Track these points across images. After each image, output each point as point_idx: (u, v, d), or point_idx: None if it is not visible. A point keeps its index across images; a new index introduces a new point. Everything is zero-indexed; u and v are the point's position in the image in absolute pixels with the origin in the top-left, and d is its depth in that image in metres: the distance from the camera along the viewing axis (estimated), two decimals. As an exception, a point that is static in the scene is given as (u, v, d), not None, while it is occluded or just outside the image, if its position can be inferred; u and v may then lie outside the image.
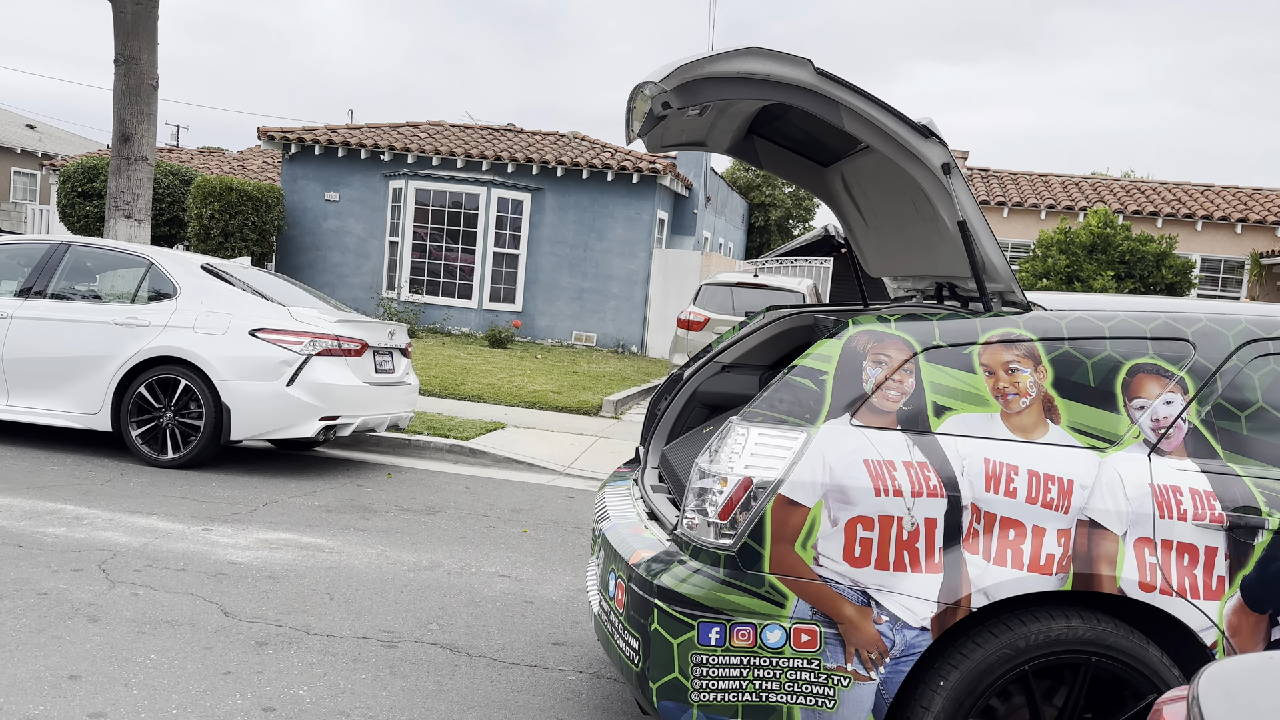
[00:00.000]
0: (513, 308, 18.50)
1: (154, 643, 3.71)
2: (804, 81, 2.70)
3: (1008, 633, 2.54)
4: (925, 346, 2.70)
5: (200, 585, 4.39)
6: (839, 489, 2.55)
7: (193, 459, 6.77)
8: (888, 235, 3.62)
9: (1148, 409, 2.70)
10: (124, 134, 9.98)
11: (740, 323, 4.10)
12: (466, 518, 6.21)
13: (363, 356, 7.27)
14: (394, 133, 19.25)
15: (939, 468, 2.59)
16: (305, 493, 6.46)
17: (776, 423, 2.64)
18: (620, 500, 3.45)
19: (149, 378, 6.84)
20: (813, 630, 2.54)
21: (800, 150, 3.81)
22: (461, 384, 11.78)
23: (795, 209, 35.66)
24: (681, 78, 2.69)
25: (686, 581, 2.60)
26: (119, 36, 9.98)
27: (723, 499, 2.60)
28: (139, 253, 7.30)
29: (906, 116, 2.76)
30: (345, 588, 4.55)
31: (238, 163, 25.51)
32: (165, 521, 5.38)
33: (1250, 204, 20.96)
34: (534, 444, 9.08)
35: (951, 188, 2.82)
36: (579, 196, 18.44)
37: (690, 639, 2.56)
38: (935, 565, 2.55)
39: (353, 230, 18.88)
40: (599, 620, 3.05)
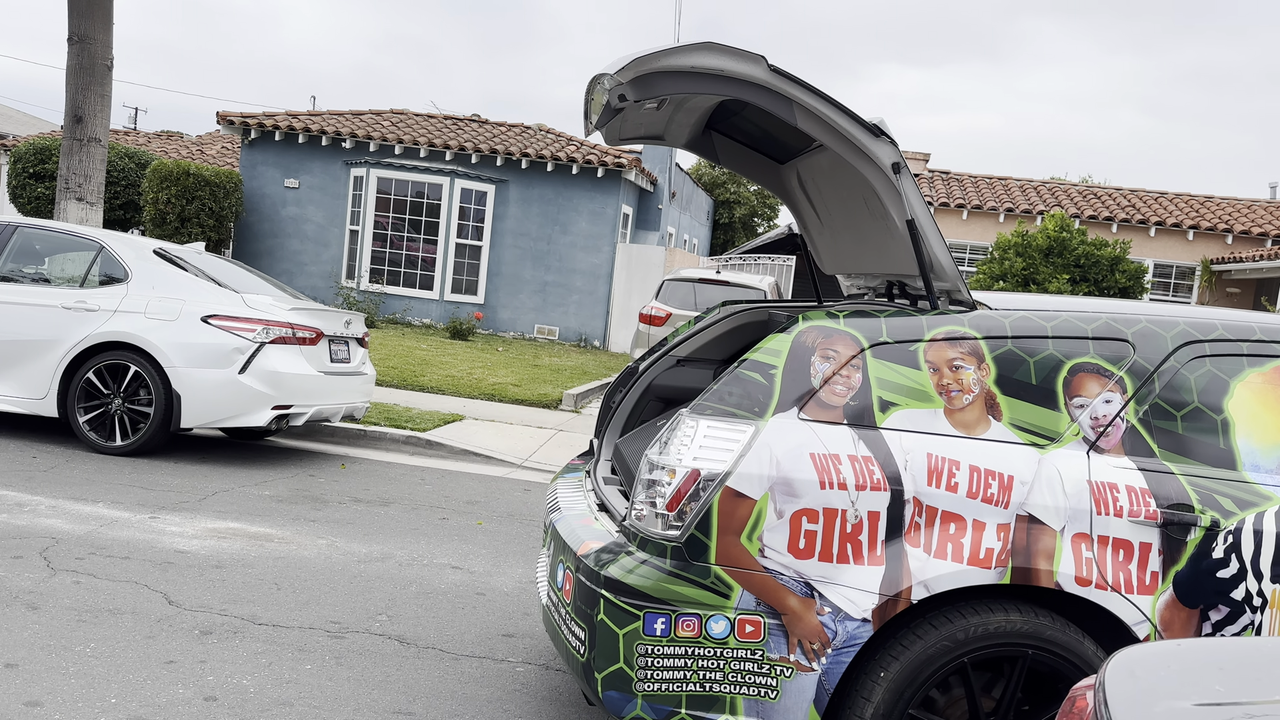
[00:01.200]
0: (475, 300, 18.41)
1: (94, 631, 3.65)
2: (758, 78, 2.72)
3: (947, 625, 2.59)
4: (872, 343, 2.74)
5: (145, 574, 4.33)
6: (785, 482, 2.58)
7: (141, 446, 6.66)
8: (841, 233, 3.65)
9: (1087, 407, 2.76)
10: (77, 115, 9.78)
11: (696, 317, 4.11)
12: (420, 509, 6.18)
13: (318, 345, 7.20)
14: (356, 120, 19.05)
15: (883, 462, 2.62)
16: (256, 482, 6.38)
17: (725, 415, 2.66)
18: (572, 492, 3.45)
19: (98, 363, 6.72)
20: (757, 621, 2.57)
21: (757, 147, 3.84)
22: (420, 375, 11.70)
23: (760, 206, 35.83)
24: (637, 70, 2.70)
25: (633, 572, 2.61)
26: (73, 15, 9.77)
27: (671, 490, 2.62)
28: (90, 236, 7.16)
29: (858, 115, 2.79)
30: (293, 578, 4.51)
31: (196, 147, 25.09)
32: (111, 509, 5.29)
33: (1202, 211, 21.42)
34: (492, 436, 9.05)
35: (901, 187, 2.85)
36: (543, 189, 18.38)
37: (635, 629, 2.58)
38: (877, 558, 2.58)
39: (312, 218, 18.66)
40: (547, 611, 3.05)
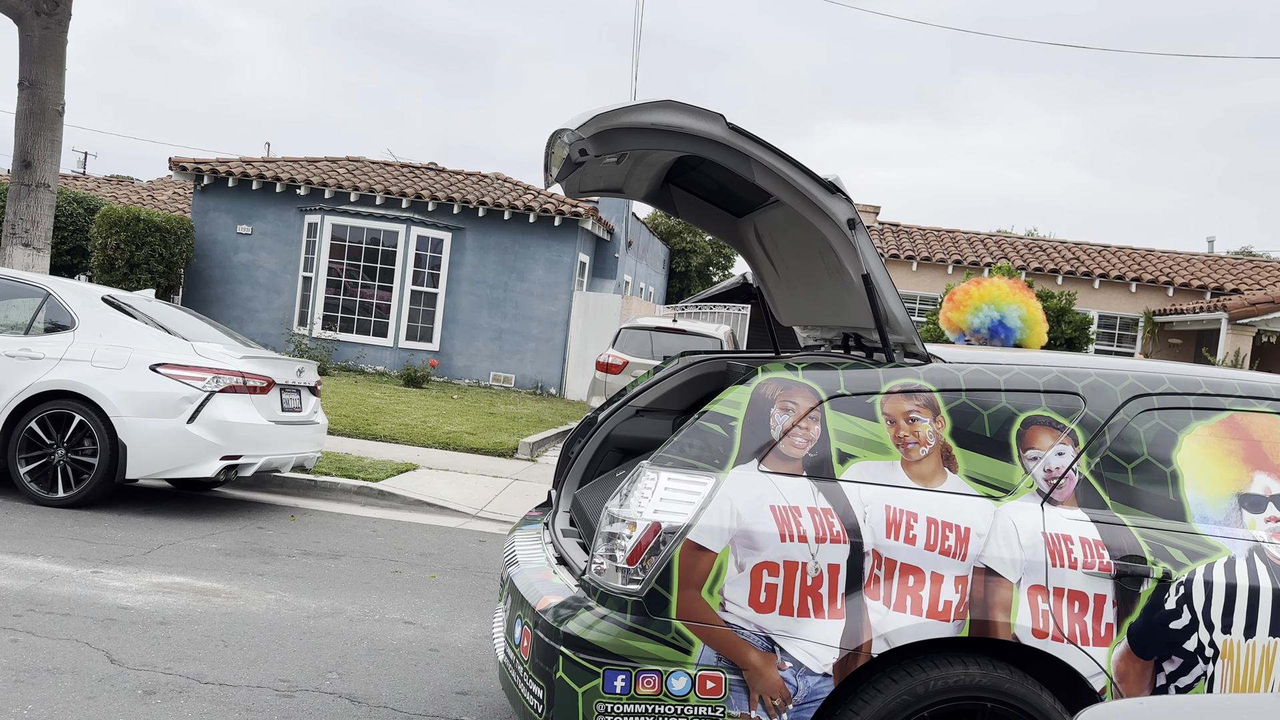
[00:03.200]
0: (430, 347, 18.28)
1: (32, 692, 3.51)
2: (716, 135, 2.77)
3: (907, 679, 2.59)
4: (830, 395, 2.77)
5: (86, 631, 4.18)
6: (746, 534, 2.58)
7: (85, 498, 6.48)
8: (797, 286, 3.70)
9: (1040, 459, 2.80)
10: (25, 160, 9.63)
11: (655, 367, 4.13)
12: (372, 562, 6.06)
13: (269, 394, 7.08)
14: (311, 167, 18.99)
15: (842, 514, 2.64)
16: (203, 534, 6.23)
17: (686, 468, 2.66)
18: (530, 544, 3.41)
19: (41, 412, 6.54)
20: (718, 677, 2.55)
21: (714, 200, 3.89)
22: (373, 424, 11.55)
23: (716, 256, 36.22)
24: (598, 126, 2.73)
25: (593, 628, 2.58)
26: (24, 60, 9.67)
27: (631, 544, 2.60)
28: (35, 282, 7.01)
29: (814, 172, 2.84)
30: (241, 635, 4.39)
31: (147, 193, 24.80)
32: (51, 564, 5.11)
33: (1144, 264, 22.07)
34: (446, 486, 8.94)
35: (856, 242, 2.91)
36: (500, 237, 18.41)
37: (595, 687, 2.54)
38: (838, 611, 2.58)
39: (265, 264, 18.47)
40: (504, 668, 3.00)
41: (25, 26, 9.63)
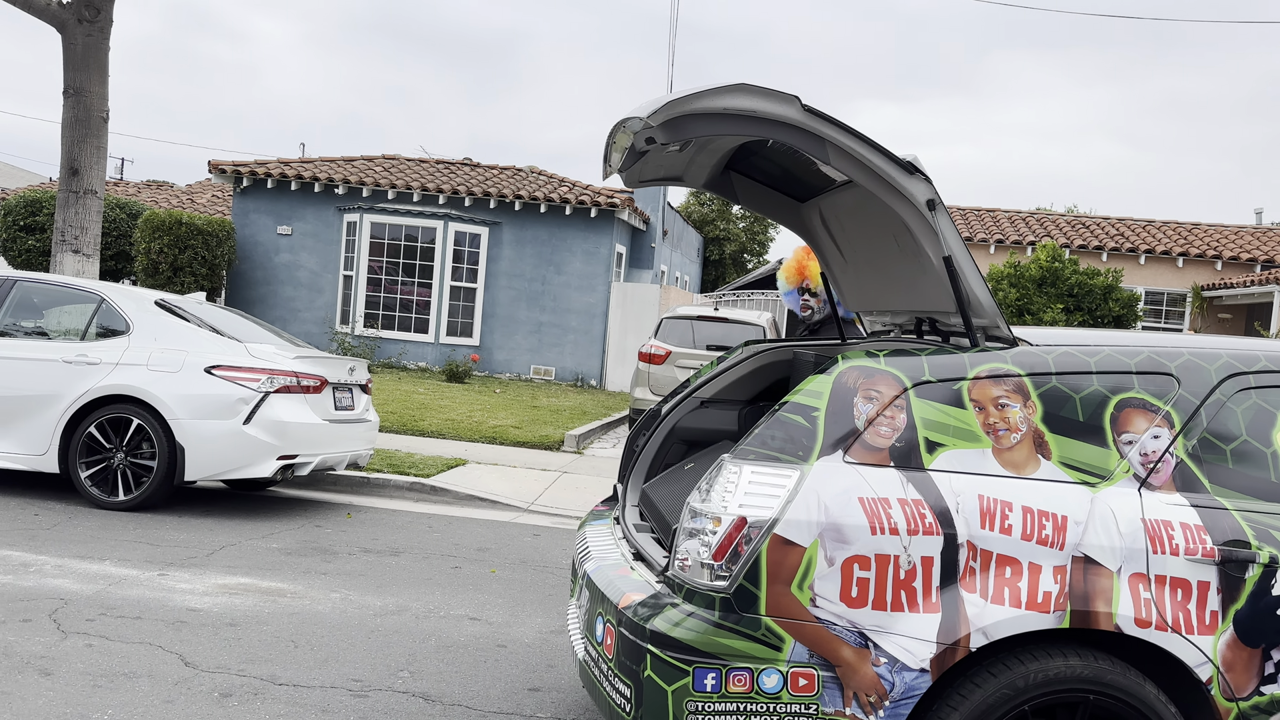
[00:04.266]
0: (470, 342, 18.34)
1: (111, 697, 3.53)
2: (791, 118, 2.69)
3: (1006, 672, 2.51)
4: (915, 382, 2.68)
5: (158, 634, 4.21)
6: (835, 528, 2.51)
7: (145, 501, 6.54)
8: (866, 270, 3.62)
9: (1136, 443, 2.71)
10: (73, 167, 9.74)
11: (718, 358, 4.06)
12: (431, 558, 6.06)
13: (322, 393, 7.11)
14: (348, 166, 19.09)
15: (934, 505, 2.56)
16: (263, 534, 6.27)
17: (769, 460, 2.59)
18: (603, 540, 3.37)
19: (99, 417, 6.61)
20: (810, 674, 2.49)
21: (777, 186, 3.81)
22: (420, 420, 11.60)
23: (750, 243, 36.00)
24: (669, 113, 2.67)
25: (680, 625, 2.53)
26: (68, 68, 9.77)
27: (716, 540, 2.54)
28: (89, 288, 7.09)
29: (892, 153, 2.76)
30: (310, 634, 4.39)
31: (186, 196, 25.09)
32: (118, 567, 5.16)
33: (1190, 238, 21.60)
34: (496, 480, 8.95)
35: (936, 224, 2.82)
36: (537, 230, 18.41)
37: (685, 685, 2.49)
38: (933, 605, 2.51)
39: (306, 264, 18.62)
40: (584, 666, 2.96)
41: (68, 35, 9.73)
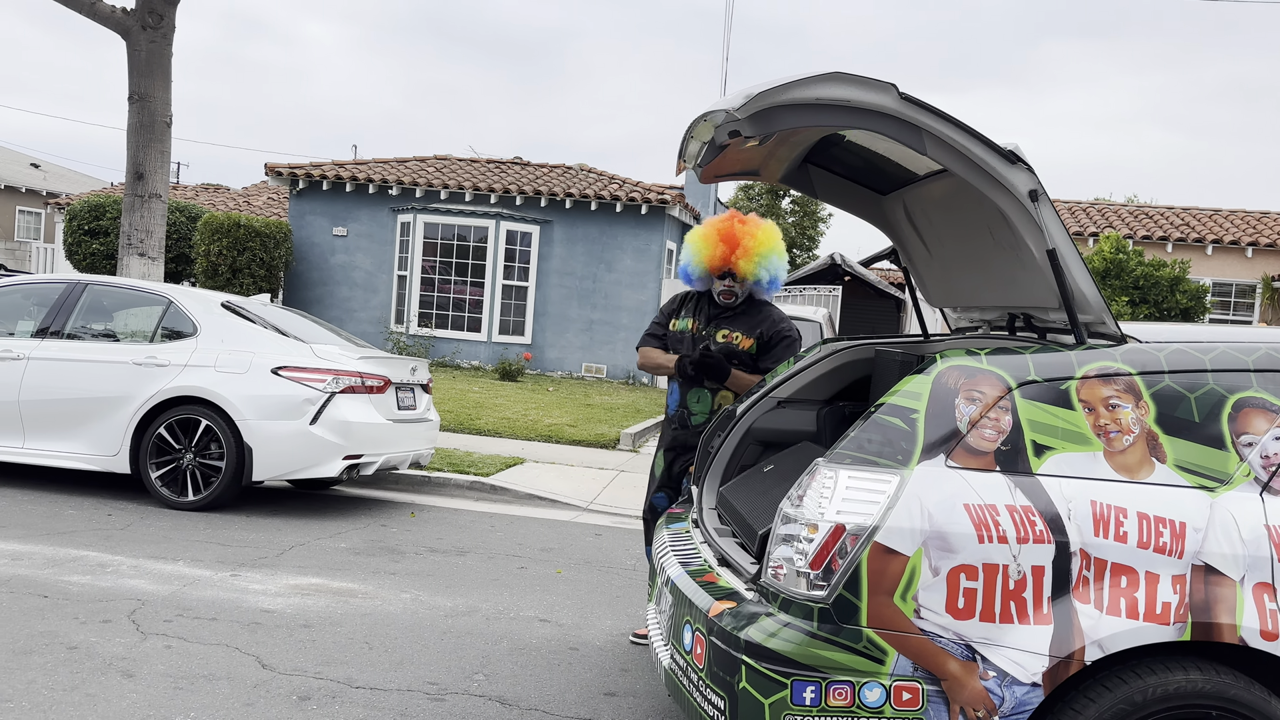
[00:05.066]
0: (522, 340, 18.38)
1: (192, 699, 3.54)
2: (887, 107, 2.59)
3: (1123, 686, 2.39)
4: (1020, 382, 2.57)
5: (234, 635, 4.22)
6: (939, 535, 2.40)
7: (213, 501, 6.61)
8: (954, 264, 3.49)
9: (1256, 445, 2.56)
10: (138, 171, 9.90)
11: (795, 356, 3.96)
12: (497, 558, 6.04)
13: (385, 393, 7.13)
14: (401, 167, 19.24)
15: (1044, 511, 2.44)
16: (330, 534, 6.29)
17: (867, 464, 2.49)
18: (684, 543, 3.29)
19: (169, 418, 6.69)
20: (914, 688, 2.38)
21: (858, 179, 3.70)
22: (476, 418, 11.63)
23: (800, 237, 35.70)
24: (759, 105, 2.58)
25: (776, 636, 2.44)
26: (133, 74, 9.93)
27: (813, 548, 2.45)
28: (157, 291, 7.18)
29: (993, 142, 2.64)
30: (383, 636, 4.38)
31: (243, 199, 25.50)
32: (191, 568, 5.21)
33: (1260, 227, 20.93)
34: (555, 479, 8.92)
35: (1039, 215, 2.70)
36: (587, 228, 18.38)
37: (783, 698, 2.40)
38: (1044, 616, 2.39)
39: (360, 265, 18.80)
40: (670, 674, 2.88)
41: (132, 41, 9.89)
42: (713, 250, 4.27)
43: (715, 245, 4.27)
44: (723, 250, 4.26)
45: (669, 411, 4.52)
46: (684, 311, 4.55)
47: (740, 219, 4.39)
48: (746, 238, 4.28)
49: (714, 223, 4.35)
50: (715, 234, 4.29)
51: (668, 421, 4.52)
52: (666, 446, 4.48)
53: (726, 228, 4.31)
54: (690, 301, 4.58)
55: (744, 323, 4.41)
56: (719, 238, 4.28)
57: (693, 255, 4.36)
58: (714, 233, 4.30)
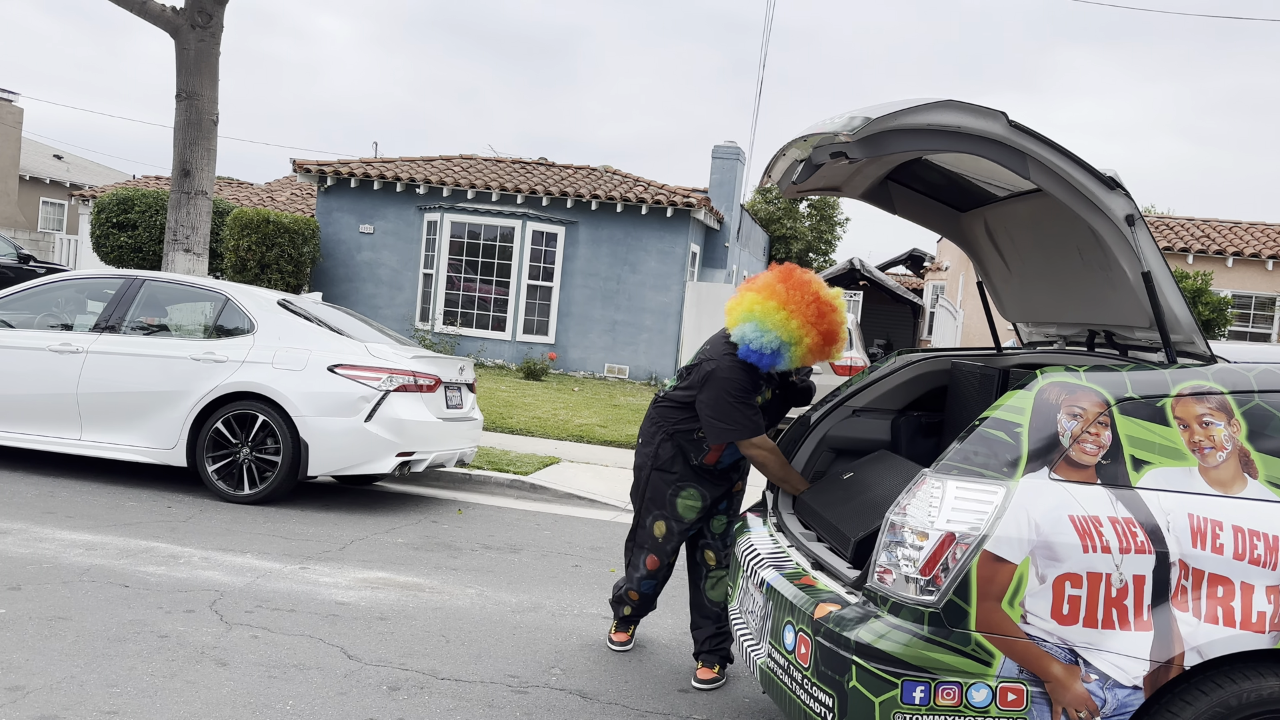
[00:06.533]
0: (546, 340, 18.52)
1: (288, 688, 3.67)
2: (995, 134, 2.70)
3: (1218, 691, 2.50)
4: (1119, 399, 2.68)
5: (315, 627, 4.35)
6: (1046, 545, 2.52)
7: (269, 495, 6.74)
8: (1035, 281, 3.60)
9: (1344, 463, 2.67)
10: (184, 168, 10.05)
11: (870, 367, 4.08)
12: (550, 556, 6.17)
13: (436, 392, 7.26)
14: (428, 166, 19.38)
15: (1144, 523, 2.56)
16: (385, 529, 6.43)
17: (973, 476, 2.61)
18: (770, 547, 3.41)
19: (226, 413, 6.83)
20: (1019, 689, 2.50)
21: (939, 196, 3.81)
22: (508, 417, 11.77)
23: (816, 242, 35.76)
24: (873, 129, 2.69)
25: (885, 638, 2.56)
26: (181, 72, 10.08)
27: (923, 555, 2.57)
28: (215, 288, 7.32)
29: (1094, 168, 2.75)
30: (457, 630, 4.51)
31: (267, 194, 25.68)
32: (260, 560, 5.34)
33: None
34: (591, 479, 9.04)
35: (1135, 239, 2.81)
36: (612, 230, 18.51)
37: (893, 697, 2.52)
38: (1145, 623, 2.51)
39: (386, 262, 18.96)
40: (769, 674, 3.00)
41: (181, 40, 10.04)
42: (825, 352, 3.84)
43: (832, 344, 3.83)
44: (834, 349, 3.85)
45: (720, 465, 4.10)
46: (762, 385, 4.01)
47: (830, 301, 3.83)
48: (839, 328, 3.84)
49: (819, 312, 3.77)
50: (832, 330, 3.82)
51: (705, 469, 4.10)
52: (707, 485, 4.11)
53: (834, 319, 3.81)
54: (758, 375, 3.95)
55: (804, 391, 4.32)
56: (833, 332, 3.82)
57: (794, 357, 3.79)
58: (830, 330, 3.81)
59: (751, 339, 3.76)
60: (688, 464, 4.11)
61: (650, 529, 4.19)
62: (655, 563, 4.21)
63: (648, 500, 4.18)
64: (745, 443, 3.82)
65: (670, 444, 4.11)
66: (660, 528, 4.16)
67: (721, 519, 4.26)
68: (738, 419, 3.81)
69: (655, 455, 4.14)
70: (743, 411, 3.81)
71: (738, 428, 3.81)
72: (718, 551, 4.22)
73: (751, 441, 3.82)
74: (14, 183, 31.65)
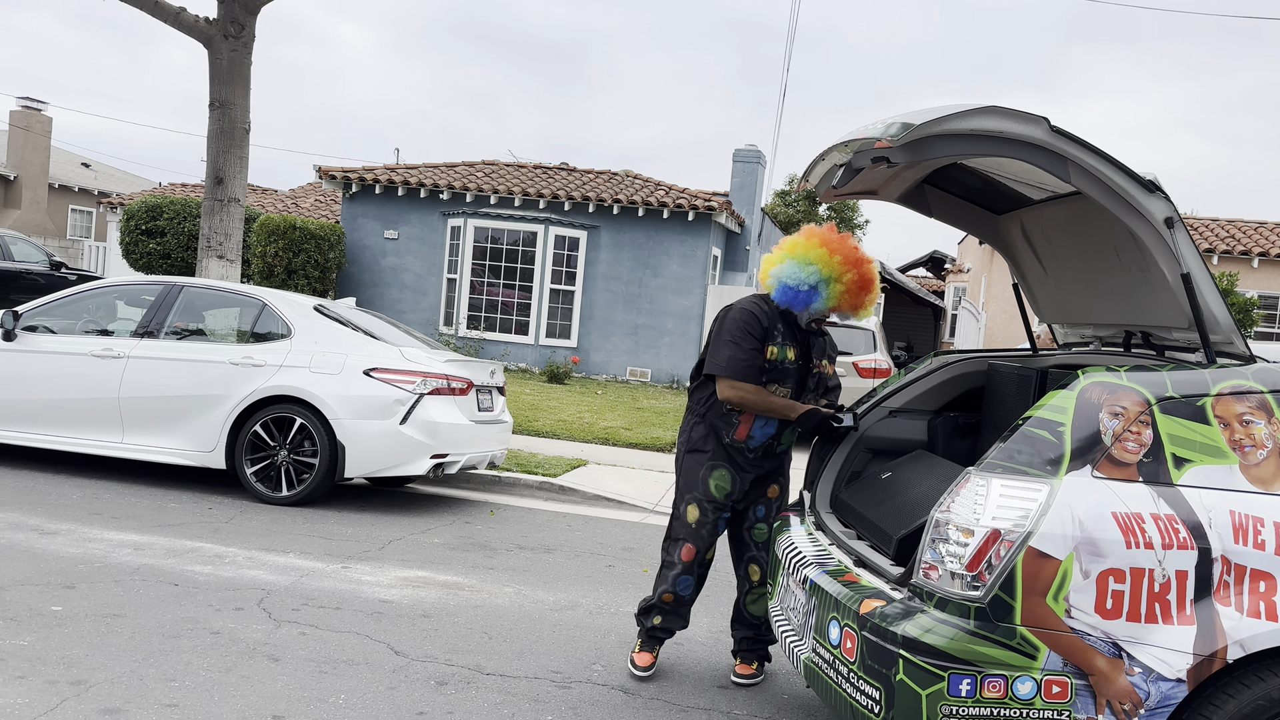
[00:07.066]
0: (568, 343, 18.63)
1: (339, 683, 3.77)
2: (1037, 139, 2.77)
3: (1260, 684, 2.55)
4: (1160, 398, 2.74)
5: (361, 624, 4.45)
6: (1090, 541, 2.58)
7: (306, 496, 6.86)
8: (1071, 283, 3.66)
9: (1384, 461, 2.71)
10: (218, 176, 10.22)
11: (907, 367, 4.14)
12: (583, 556, 6.25)
13: (468, 395, 7.37)
14: (451, 172, 19.55)
15: (1186, 520, 2.61)
16: (421, 530, 6.53)
17: (1017, 474, 2.67)
18: (812, 545, 3.48)
19: (264, 416, 6.95)
20: (1064, 682, 2.56)
21: (974, 199, 3.87)
22: (534, 420, 11.87)
23: (835, 244, 35.75)
24: (917, 134, 2.76)
25: (932, 632, 2.62)
26: (214, 82, 10.25)
27: (969, 551, 2.63)
28: (252, 293, 7.46)
29: (1134, 172, 2.81)
30: (499, 627, 4.60)
31: (291, 200, 25.94)
32: (303, 559, 5.45)
33: (1307, 240, 20.80)
34: (619, 481, 9.12)
35: (1174, 242, 2.86)
36: (634, 234, 18.61)
37: (940, 690, 2.58)
38: (1188, 617, 2.56)
39: (411, 267, 19.13)
40: (813, 668, 3.07)
41: (214, 50, 10.21)
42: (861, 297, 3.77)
43: (868, 291, 3.77)
44: (868, 298, 3.78)
45: (751, 442, 3.98)
46: (779, 336, 3.87)
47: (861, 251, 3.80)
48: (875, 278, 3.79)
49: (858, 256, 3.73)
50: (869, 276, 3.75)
51: (737, 449, 4.00)
52: (738, 468, 4.03)
53: (870, 268, 3.75)
54: (778, 322, 3.89)
55: (823, 347, 4.07)
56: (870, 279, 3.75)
57: (831, 295, 3.74)
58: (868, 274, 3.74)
59: (789, 275, 3.74)
60: (719, 442, 4.02)
61: (685, 515, 4.06)
62: (691, 552, 4.04)
63: (681, 486, 4.10)
64: (724, 382, 3.81)
65: (703, 424, 4.06)
66: (693, 511, 4.04)
67: (763, 529, 4.17)
68: (724, 355, 3.80)
69: (689, 438, 4.09)
70: (731, 350, 3.81)
71: (722, 364, 3.80)
72: (762, 565, 4.15)
73: (730, 382, 3.80)
74: (44, 190, 32.12)
